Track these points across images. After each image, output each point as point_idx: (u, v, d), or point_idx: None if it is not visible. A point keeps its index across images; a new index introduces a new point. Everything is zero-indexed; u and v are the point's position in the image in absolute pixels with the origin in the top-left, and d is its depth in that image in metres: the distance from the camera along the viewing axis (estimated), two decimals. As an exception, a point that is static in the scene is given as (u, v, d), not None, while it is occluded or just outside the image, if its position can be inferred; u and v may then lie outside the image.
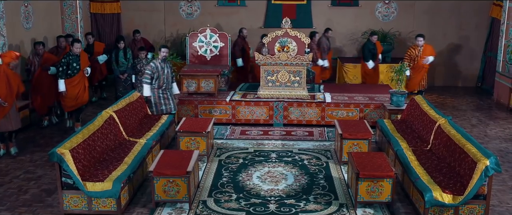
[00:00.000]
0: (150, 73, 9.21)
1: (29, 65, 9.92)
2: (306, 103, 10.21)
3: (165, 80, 9.37)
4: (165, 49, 9.36)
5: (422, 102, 8.65)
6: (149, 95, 9.31)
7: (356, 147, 8.02)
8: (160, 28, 14.44)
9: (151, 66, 9.25)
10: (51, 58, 9.91)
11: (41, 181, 7.47)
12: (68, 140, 6.42)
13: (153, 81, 9.27)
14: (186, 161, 6.68)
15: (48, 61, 9.75)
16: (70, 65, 9.34)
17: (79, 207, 6.28)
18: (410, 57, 11.75)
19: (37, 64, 9.79)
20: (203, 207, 6.55)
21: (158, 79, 9.28)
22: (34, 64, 9.82)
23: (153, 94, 9.35)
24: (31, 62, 9.88)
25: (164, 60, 9.37)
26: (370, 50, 12.55)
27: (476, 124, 10.59)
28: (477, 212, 6.05)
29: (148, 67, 9.28)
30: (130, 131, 8.30)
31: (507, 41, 12.13)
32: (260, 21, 14.40)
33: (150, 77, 9.23)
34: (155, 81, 9.28)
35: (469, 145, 6.34)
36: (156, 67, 9.25)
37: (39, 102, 9.82)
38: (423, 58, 11.68)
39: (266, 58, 10.30)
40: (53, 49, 10.91)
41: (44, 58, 9.79)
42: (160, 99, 9.42)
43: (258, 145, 9.05)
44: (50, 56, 9.99)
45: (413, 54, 11.74)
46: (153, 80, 9.27)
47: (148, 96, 9.32)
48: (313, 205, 6.64)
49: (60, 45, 10.80)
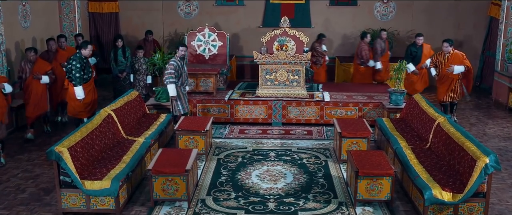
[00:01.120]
0: (174, 72, 9.05)
1: (20, 72, 9.27)
2: (305, 102, 10.20)
3: (186, 78, 9.36)
4: (183, 48, 9.30)
5: (421, 101, 8.64)
6: (174, 95, 9.17)
7: (355, 145, 8.00)
8: (158, 28, 14.41)
9: (173, 65, 9.07)
10: (43, 66, 9.25)
11: (39, 179, 7.44)
12: (66, 138, 6.39)
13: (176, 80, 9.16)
14: (185, 159, 6.66)
15: (40, 69, 9.16)
16: (86, 69, 8.85)
17: (77, 205, 6.25)
18: (434, 64, 10.38)
19: (29, 72, 9.15)
20: (202, 206, 6.52)
21: (180, 77, 9.21)
22: (26, 72, 9.17)
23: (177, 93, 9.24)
24: (23, 70, 9.22)
25: (182, 58, 9.32)
26: (411, 53, 11.47)
27: (475, 123, 10.59)
28: (476, 210, 6.04)
29: (170, 66, 9.06)
30: (128, 129, 8.27)
31: (505, 40, 12.12)
32: (258, 21, 14.38)
33: (175, 76, 9.10)
34: (178, 80, 9.20)
35: (468, 143, 6.32)
36: (177, 65, 9.15)
37: (29, 111, 9.17)
38: (448, 66, 10.06)
39: (265, 57, 10.28)
40: (43, 54, 10.15)
41: (36, 65, 9.16)
42: (184, 97, 9.36)
43: (257, 144, 9.03)
44: (42, 64, 9.32)
45: (437, 60, 10.30)
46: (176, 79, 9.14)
47: (174, 96, 9.17)
48: (312, 203, 6.62)
49: (51, 48, 10.13)
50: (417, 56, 11.38)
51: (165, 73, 9.11)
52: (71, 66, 8.67)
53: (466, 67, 10.02)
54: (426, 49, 11.52)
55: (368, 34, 12.27)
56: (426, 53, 11.41)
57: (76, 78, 8.65)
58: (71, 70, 8.68)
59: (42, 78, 9.15)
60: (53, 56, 10.04)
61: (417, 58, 11.38)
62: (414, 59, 11.36)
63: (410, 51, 11.49)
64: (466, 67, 10.02)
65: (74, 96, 8.79)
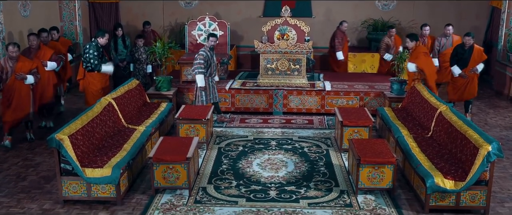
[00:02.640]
0: (203, 62, 9.00)
1: (0, 71, 8.10)
2: (305, 91, 10.16)
3: (214, 68, 9.33)
4: (213, 38, 9.21)
5: (422, 89, 8.61)
6: (203, 86, 9.12)
7: (356, 134, 7.98)
8: (158, 17, 14.32)
9: (202, 55, 9.00)
10: (26, 65, 8.22)
11: (40, 168, 7.42)
12: (66, 126, 6.36)
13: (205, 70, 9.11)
14: (186, 147, 6.63)
15: (24, 68, 8.18)
16: (103, 58, 8.89)
17: (78, 193, 6.23)
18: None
19: (11, 71, 8.11)
20: (203, 194, 6.51)
21: (209, 67, 9.15)
22: (7, 71, 8.10)
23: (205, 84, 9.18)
24: (3, 68, 8.10)
25: (212, 49, 9.26)
26: (457, 54, 9.76)
27: (476, 113, 10.56)
28: (478, 198, 6.02)
29: (200, 56, 9.00)
30: (129, 118, 8.24)
31: (507, 30, 12.06)
32: (259, 10, 14.30)
33: (204, 66, 9.03)
34: (207, 70, 9.14)
35: (470, 131, 6.30)
36: (207, 55, 9.09)
37: (8, 115, 8.21)
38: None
39: (266, 46, 10.23)
40: (25, 51, 9.09)
41: (18, 63, 8.14)
42: (210, 88, 9.32)
43: (257, 133, 9.00)
44: (25, 63, 8.24)
45: None
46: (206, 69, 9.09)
47: (203, 86, 9.12)
48: (314, 191, 6.60)
49: (32, 44, 9.03)
50: (464, 58, 9.64)
51: (194, 63, 9.07)
52: (88, 55, 8.74)
53: None
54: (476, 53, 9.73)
55: (345, 22, 12.07)
56: (476, 55, 9.66)
57: (96, 65, 8.77)
58: (89, 59, 8.75)
59: (27, 78, 8.18)
60: (34, 53, 8.98)
61: (464, 61, 9.66)
62: (460, 62, 9.69)
63: (456, 52, 9.80)
64: None
65: (92, 84, 8.91)
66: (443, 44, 10.93)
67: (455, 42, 10.68)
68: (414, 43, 9.52)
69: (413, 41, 9.52)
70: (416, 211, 6.15)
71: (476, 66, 9.58)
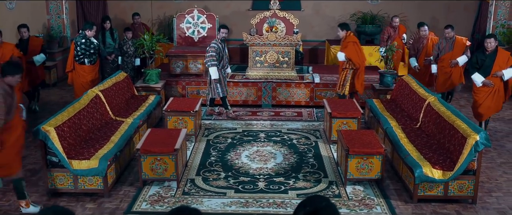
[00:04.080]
0: (215, 54, 8.92)
1: None
2: (294, 84, 10.14)
3: (227, 61, 9.29)
4: (224, 30, 9.11)
5: (411, 81, 8.62)
6: (217, 78, 9.03)
7: (345, 125, 7.97)
8: (146, 10, 14.21)
9: (214, 47, 8.92)
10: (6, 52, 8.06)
11: (26, 161, 7.31)
12: (53, 117, 6.30)
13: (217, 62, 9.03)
14: (174, 139, 6.59)
15: None
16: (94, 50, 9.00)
17: (65, 185, 6.17)
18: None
19: None
20: (191, 185, 6.47)
21: (221, 59, 9.08)
22: None
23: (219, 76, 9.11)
24: None
25: (223, 41, 9.18)
26: (477, 61, 8.38)
27: (465, 105, 10.60)
28: (466, 187, 6.04)
29: (211, 48, 8.93)
30: (116, 110, 8.17)
31: (495, 22, 12.11)
32: (248, 3, 14.24)
33: (216, 58, 8.95)
34: (219, 63, 9.05)
35: (459, 121, 6.31)
36: (219, 47, 9.01)
37: None
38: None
39: (254, 38, 10.19)
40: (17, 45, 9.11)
41: None
42: (224, 80, 9.25)
43: (246, 126, 8.97)
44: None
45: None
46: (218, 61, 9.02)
47: (216, 78, 9.03)
48: (303, 182, 6.59)
49: (23, 36, 9.26)
50: (485, 64, 8.29)
51: (207, 56, 9.00)
52: (79, 48, 8.87)
53: None
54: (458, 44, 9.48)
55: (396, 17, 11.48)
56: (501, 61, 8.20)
57: (87, 55, 8.94)
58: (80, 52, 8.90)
59: None
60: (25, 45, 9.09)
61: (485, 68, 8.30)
62: (481, 69, 8.34)
63: (477, 58, 8.44)
64: None
65: (81, 76, 8.96)
66: (442, 48, 9.79)
67: (457, 44, 9.65)
68: (344, 33, 9.25)
69: (344, 31, 9.25)
70: (405, 201, 6.16)
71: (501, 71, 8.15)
